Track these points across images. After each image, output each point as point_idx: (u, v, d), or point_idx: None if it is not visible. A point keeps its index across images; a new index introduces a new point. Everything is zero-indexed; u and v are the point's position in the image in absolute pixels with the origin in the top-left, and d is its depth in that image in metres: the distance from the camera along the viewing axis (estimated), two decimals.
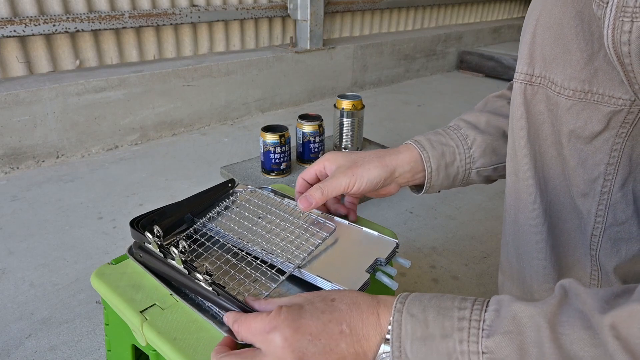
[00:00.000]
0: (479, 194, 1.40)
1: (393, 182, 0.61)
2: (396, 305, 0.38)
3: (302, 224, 0.63)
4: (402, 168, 0.60)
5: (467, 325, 0.35)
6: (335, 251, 0.58)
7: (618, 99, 0.40)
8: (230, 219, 0.64)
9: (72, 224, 1.19)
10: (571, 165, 0.45)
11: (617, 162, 0.43)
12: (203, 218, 0.63)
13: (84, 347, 0.82)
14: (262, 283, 0.53)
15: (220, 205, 0.66)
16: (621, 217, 0.45)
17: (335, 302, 0.41)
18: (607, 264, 0.47)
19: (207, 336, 0.46)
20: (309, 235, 0.60)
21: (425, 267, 1.05)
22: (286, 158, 1.20)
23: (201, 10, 1.86)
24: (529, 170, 0.48)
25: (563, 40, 0.42)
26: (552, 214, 0.49)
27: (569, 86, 0.42)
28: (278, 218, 0.64)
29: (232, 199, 0.69)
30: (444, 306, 0.37)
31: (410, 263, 0.58)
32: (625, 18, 0.33)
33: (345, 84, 2.37)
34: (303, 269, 0.54)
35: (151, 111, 1.72)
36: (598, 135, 0.42)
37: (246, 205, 0.67)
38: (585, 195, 0.46)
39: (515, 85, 0.48)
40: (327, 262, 0.56)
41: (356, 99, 1.30)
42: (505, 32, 3.36)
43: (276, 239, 0.59)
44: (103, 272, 0.56)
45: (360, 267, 0.54)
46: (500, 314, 0.34)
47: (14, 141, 1.44)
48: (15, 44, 1.52)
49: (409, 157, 0.60)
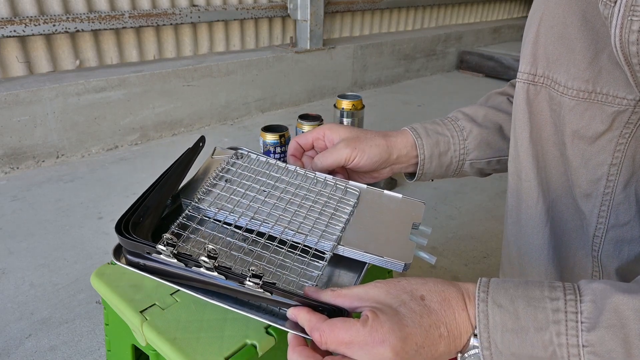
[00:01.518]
0: (479, 194, 1.40)
1: (388, 166, 0.60)
2: (479, 294, 0.37)
3: (321, 191, 0.55)
4: (398, 152, 0.59)
5: (563, 317, 0.34)
6: (367, 219, 0.53)
7: (622, 99, 0.40)
8: (232, 193, 0.54)
9: (72, 224, 1.19)
10: (574, 166, 0.45)
11: (620, 162, 0.43)
12: (195, 200, 0.53)
13: (84, 347, 0.82)
14: (304, 271, 0.47)
15: (211, 179, 0.56)
16: (624, 218, 0.45)
17: (427, 302, 0.38)
18: (609, 265, 0.47)
19: (207, 336, 0.46)
20: (335, 204, 0.54)
21: (426, 267, 1.05)
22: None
23: (201, 10, 1.85)
24: (531, 170, 0.48)
25: (567, 40, 0.41)
26: (554, 215, 0.49)
27: (573, 86, 0.42)
28: (292, 187, 0.56)
29: (222, 167, 0.58)
30: (533, 296, 0.35)
31: (435, 259, 0.53)
32: (635, 17, 0.33)
33: (345, 84, 2.37)
34: (344, 246, 0.49)
35: (151, 111, 1.72)
36: (601, 136, 0.42)
37: (244, 173, 0.58)
38: (587, 196, 0.45)
39: (517, 85, 0.47)
40: (363, 232, 0.50)
41: (356, 99, 1.30)
42: (505, 32, 3.36)
43: (301, 214, 0.52)
44: (103, 272, 0.56)
45: (401, 235, 0.51)
46: (598, 305, 0.33)
47: (14, 141, 1.44)
48: (15, 44, 1.52)
49: (404, 142, 0.60)
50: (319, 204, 0.54)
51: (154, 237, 0.48)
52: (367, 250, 0.49)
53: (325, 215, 0.52)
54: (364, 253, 0.48)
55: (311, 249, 0.49)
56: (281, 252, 0.49)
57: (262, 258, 0.48)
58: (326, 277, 0.51)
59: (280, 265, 0.47)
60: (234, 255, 0.49)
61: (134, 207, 0.48)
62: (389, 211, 0.55)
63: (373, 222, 0.53)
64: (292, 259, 0.48)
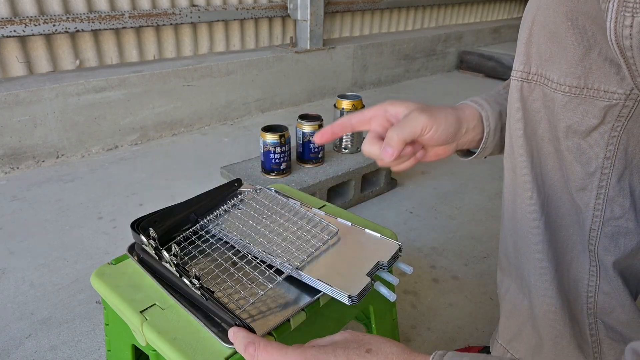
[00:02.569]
0: (479, 194, 1.40)
1: (455, 140, 0.54)
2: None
3: (305, 225, 0.63)
4: (467, 124, 0.53)
5: None
6: (336, 253, 0.58)
7: (613, 94, 0.41)
8: (235, 218, 0.64)
9: (72, 224, 1.19)
10: (569, 160, 0.46)
11: (614, 155, 0.44)
12: (207, 217, 0.64)
13: (84, 347, 0.82)
14: (260, 282, 0.53)
15: (226, 205, 0.67)
16: (619, 211, 0.46)
17: (370, 354, 0.38)
18: (606, 258, 0.48)
19: (207, 336, 0.46)
20: (310, 237, 0.60)
21: (425, 267, 1.05)
22: (286, 158, 1.20)
23: (201, 10, 1.86)
24: (525, 166, 0.49)
25: (558, 39, 0.43)
26: (549, 210, 0.49)
27: (565, 82, 0.43)
28: (282, 219, 0.64)
29: (239, 198, 0.69)
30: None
31: (412, 269, 0.58)
32: (627, 13, 0.34)
33: (345, 84, 2.37)
34: (302, 271, 0.54)
35: (151, 111, 1.72)
36: (594, 130, 0.43)
37: (252, 204, 0.68)
38: (583, 189, 0.46)
39: (512, 83, 0.48)
40: (327, 264, 0.56)
41: (356, 99, 1.30)
42: (505, 32, 3.36)
43: (278, 240, 0.59)
44: (103, 272, 0.56)
45: (362, 271, 0.54)
46: None
47: (14, 141, 1.44)
48: (15, 44, 1.52)
49: (471, 114, 0.54)
50: (296, 235, 0.60)
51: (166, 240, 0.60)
52: (320, 277, 0.52)
53: (298, 244, 0.59)
54: (317, 280, 0.52)
55: (271, 268, 0.55)
56: (252, 264, 0.57)
57: (234, 264, 0.57)
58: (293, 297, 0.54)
59: (244, 273, 0.55)
60: (215, 261, 0.57)
61: (157, 212, 0.60)
62: (361, 248, 0.59)
63: (339, 256, 0.57)
64: (259, 271, 0.55)
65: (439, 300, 0.95)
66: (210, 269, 0.56)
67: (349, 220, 0.65)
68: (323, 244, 0.59)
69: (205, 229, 0.63)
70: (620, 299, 0.48)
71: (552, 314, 0.51)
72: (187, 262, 0.57)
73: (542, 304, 0.51)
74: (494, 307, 0.94)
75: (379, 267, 0.56)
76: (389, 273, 0.57)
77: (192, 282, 0.47)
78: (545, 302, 0.51)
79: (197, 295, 0.48)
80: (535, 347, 0.54)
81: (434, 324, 0.89)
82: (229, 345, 0.44)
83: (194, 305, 0.50)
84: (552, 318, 0.51)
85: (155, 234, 0.55)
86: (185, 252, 0.59)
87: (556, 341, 0.52)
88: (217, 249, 0.60)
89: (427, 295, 0.96)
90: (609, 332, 0.50)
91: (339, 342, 0.39)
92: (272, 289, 0.53)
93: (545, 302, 0.51)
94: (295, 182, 1.18)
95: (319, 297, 0.53)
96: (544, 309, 0.51)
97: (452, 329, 0.88)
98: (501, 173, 1.57)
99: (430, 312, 0.92)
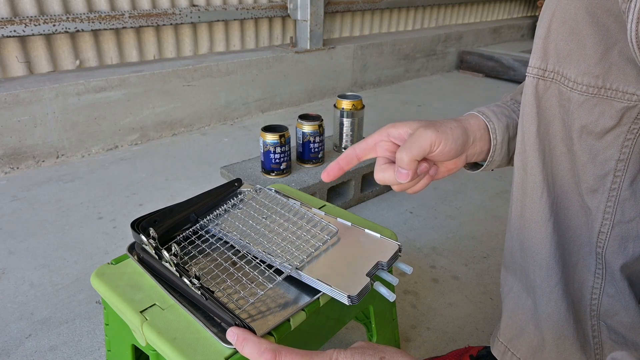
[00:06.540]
0: (479, 194, 1.40)
1: (464, 152, 0.53)
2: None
3: (305, 225, 0.63)
4: (474, 135, 0.53)
5: None
6: (336, 253, 0.58)
7: (632, 95, 0.40)
8: (235, 218, 0.65)
9: (72, 224, 1.19)
10: (581, 161, 0.45)
11: (628, 158, 0.43)
12: (207, 217, 0.64)
13: (84, 347, 0.82)
14: (260, 282, 0.53)
15: (226, 205, 0.67)
16: (629, 215, 0.45)
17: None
18: (614, 262, 0.47)
19: (207, 336, 0.46)
20: (310, 237, 0.60)
21: (425, 267, 1.05)
22: (286, 158, 1.20)
23: (201, 10, 1.86)
24: (537, 165, 0.48)
25: (578, 36, 0.41)
26: (558, 210, 0.49)
27: (583, 81, 0.42)
28: (282, 219, 0.64)
29: (239, 197, 0.69)
30: None
31: (411, 269, 0.58)
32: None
33: (345, 84, 2.37)
34: (301, 271, 0.54)
35: (151, 111, 1.72)
36: (610, 131, 0.42)
37: (252, 204, 0.68)
38: (594, 191, 0.46)
39: (527, 80, 0.47)
40: (327, 264, 0.56)
41: (356, 99, 1.30)
42: (505, 32, 3.36)
43: (278, 240, 0.59)
44: (103, 272, 0.56)
45: (361, 271, 0.54)
46: None
47: (14, 141, 1.44)
48: (15, 44, 1.52)
49: (477, 124, 0.53)
50: (296, 235, 0.60)
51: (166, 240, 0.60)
52: (320, 278, 0.52)
53: (298, 244, 0.58)
54: (316, 280, 0.52)
55: (271, 268, 0.55)
56: (252, 263, 0.57)
57: (234, 264, 0.57)
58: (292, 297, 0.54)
59: (244, 273, 0.55)
60: (215, 261, 0.57)
61: (157, 211, 0.60)
62: (361, 248, 0.58)
63: (338, 256, 0.57)
64: (259, 271, 0.55)
65: (439, 300, 0.95)
66: (210, 268, 0.56)
67: (348, 220, 0.65)
68: (323, 244, 0.59)
69: (205, 229, 0.63)
70: (625, 302, 0.48)
71: (557, 315, 0.50)
72: (187, 262, 0.57)
73: (547, 305, 0.51)
74: (494, 307, 0.93)
75: (379, 267, 0.56)
76: (389, 273, 0.57)
77: (192, 281, 0.47)
78: (551, 304, 0.50)
79: (197, 295, 0.48)
80: (536, 346, 0.54)
81: (434, 324, 0.89)
82: (229, 346, 0.44)
83: (193, 305, 0.50)
84: (556, 319, 0.50)
85: (155, 234, 0.55)
86: (185, 252, 0.59)
87: (559, 342, 0.51)
88: (217, 249, 0.60)
89: (427, 295, 0.96)
90: (612, 335, 0.49)
91: (357, 348, 0.40)
92: (272, 289, 0.53)
93: (551, 304, 0.50)
94: (295, 182, 1.18)
95: (318, 297, 0.53)
96: (548, 310, 0.51)
97: (452, 329, 0.88)
98: (501, 173, 1.57)
99: (430, 312, 0.92)
